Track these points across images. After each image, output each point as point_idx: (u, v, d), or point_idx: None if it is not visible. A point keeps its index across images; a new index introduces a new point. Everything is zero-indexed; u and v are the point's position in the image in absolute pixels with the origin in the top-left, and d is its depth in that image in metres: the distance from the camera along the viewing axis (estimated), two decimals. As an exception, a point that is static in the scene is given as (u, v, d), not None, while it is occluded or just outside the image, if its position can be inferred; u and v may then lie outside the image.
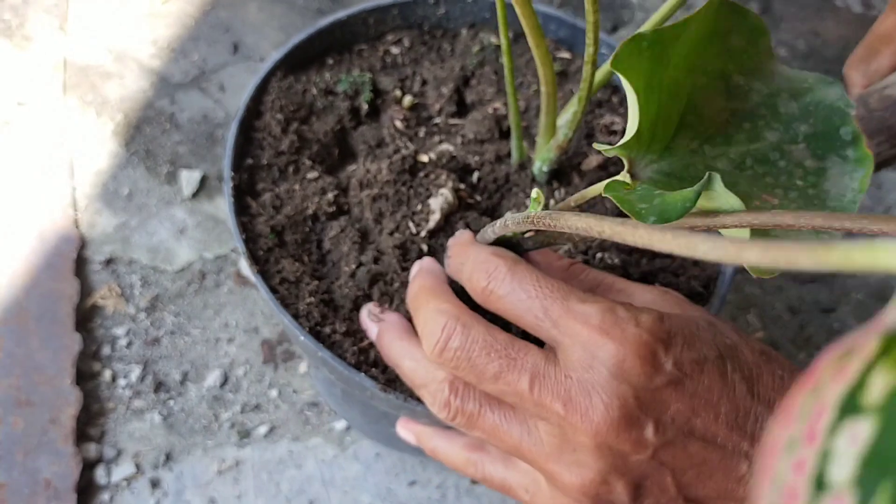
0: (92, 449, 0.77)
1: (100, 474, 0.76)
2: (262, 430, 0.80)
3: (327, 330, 0.56)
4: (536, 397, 0.43)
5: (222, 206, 0.93)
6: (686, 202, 0.37)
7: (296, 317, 0.55)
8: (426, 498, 0.77)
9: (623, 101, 0.69)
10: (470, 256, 0.48)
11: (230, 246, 0.90)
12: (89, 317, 0.84)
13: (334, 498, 0.77)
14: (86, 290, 0.86)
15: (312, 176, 0.62)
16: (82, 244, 0.88)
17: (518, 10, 0.48)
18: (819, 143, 0.44)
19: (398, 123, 0.63)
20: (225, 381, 0.82)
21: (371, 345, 0.55)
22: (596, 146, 0.41)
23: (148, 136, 0.97)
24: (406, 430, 0.57)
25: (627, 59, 0.40)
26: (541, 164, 0.60)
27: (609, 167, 0.65)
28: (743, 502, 0.43)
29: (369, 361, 0.55)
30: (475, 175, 0.62)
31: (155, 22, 1.07)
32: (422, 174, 0.60)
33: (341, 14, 0.70)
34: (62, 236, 0.88)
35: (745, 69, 0.47)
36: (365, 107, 0.65)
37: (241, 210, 0.60)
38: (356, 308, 0.57)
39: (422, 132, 0.65)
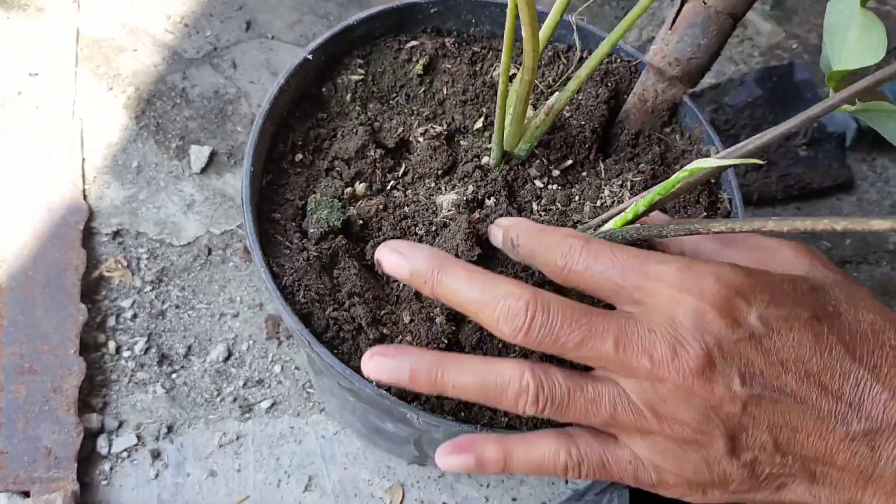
0: (94, 419, 0.78)
1: (101, 444, 0.77)
2: (265, 404, 0.80)
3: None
4: (622, 356, 0.43)
5: (231, 181, 0.94)
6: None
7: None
8: (425, 476, 0.78)
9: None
10: (542, 241, 0.48)
11: (237, 221, 0.91)
12: (95, 288, 0.85)
13: (334, 474, 0.77)
14: (92, 261, 0.86)
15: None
16: (90, 216, 0.89)
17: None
18: None
19: (383, 214, 0.60)
20: (228, 355, 0.83)
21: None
22: None
23: (159, 111, 0.98)
24: (456, 453, 0.50)
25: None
26: (528, 145, 0.60)
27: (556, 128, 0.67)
28: (843, 470, 0.42)
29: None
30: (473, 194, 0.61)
31: (168, -3, 1.07)
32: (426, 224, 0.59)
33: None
34: (70, 207, 0.88)
35: None
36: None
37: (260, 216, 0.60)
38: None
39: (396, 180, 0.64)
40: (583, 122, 0.64)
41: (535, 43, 0.50)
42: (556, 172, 0.62)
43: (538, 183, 0.61)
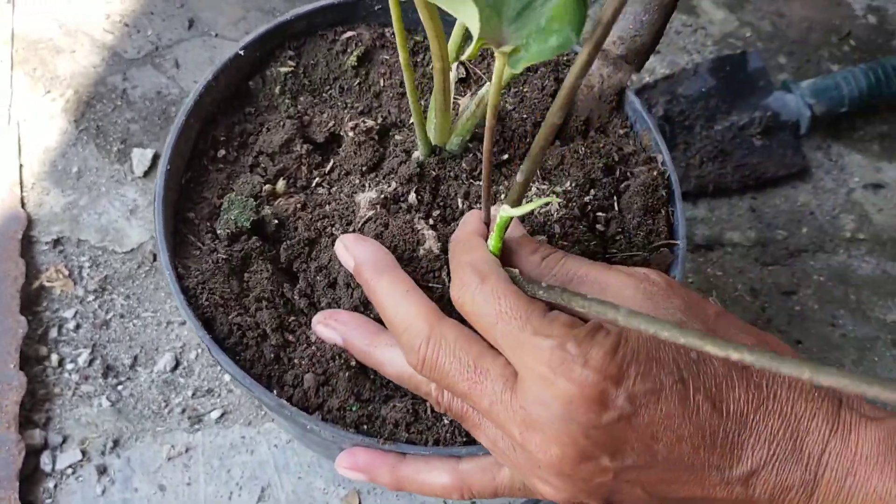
0: (36, 435, 0.75)
1: (44, 461, 0.74)
2: (215, 414, 0.78)
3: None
4: (496, 419, 0.45)
5: (175, 185, 0.91)
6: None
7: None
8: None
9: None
10: (455, 256, 0.49)
11: (183, 226, 0.88)
12: (36, 299, 0.82)
13: (287, 484, 0.75)
14: (32, 271, 0.83)
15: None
16: (29, 224, 0.85)
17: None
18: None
19: (302, 213, 0.58)
20: (176, 365, 0.80)
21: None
22: None
23: (99, 113, 0.94)
24: (352, 469, 0.54)
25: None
26: (461, 139, 0.58)
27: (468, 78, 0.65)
28: (722, 501, 0.44)
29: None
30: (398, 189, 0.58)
31: (107, -5, 1.04)
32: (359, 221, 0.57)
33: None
34: (8, 216, 0.85)
35: None
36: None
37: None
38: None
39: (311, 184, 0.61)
40: (525, 116, 0.62)
41: (438, 27, 0.48)
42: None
43: (467, 178, 0.59)
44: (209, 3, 1.05)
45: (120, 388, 0.79)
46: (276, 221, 0.57)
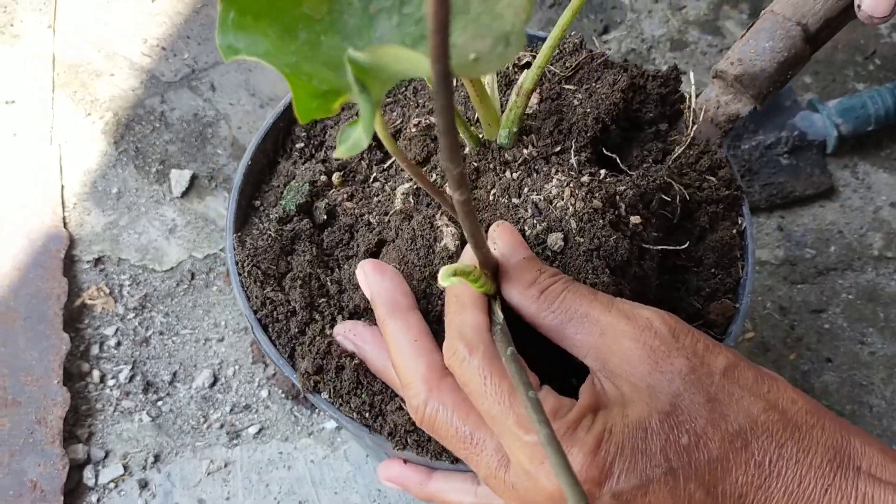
0: (80, 450, 0.76)
1: (87, 476, 0.76)
2: (252, 430, 0.79)
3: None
4: (492, 487, 0.45)
5: (212, 204, 0.93)
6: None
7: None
8: (415, 499, 0.77)
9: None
10: (447, 309, 0.47)
11: (220, 245, 0.90)
12: (78, 317, 0.84)
13: (324, 499, 0.76)
14: (74, 289, 0.85)
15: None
16: (71, 243, 0.88)
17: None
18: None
19: (347, 204, 0.61)
20: (214, 381, 0.82)
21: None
22: None
23: (138, 135, 0.97)
24: (387, 480, 0.56)
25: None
26: (507, 131, 0.58)
27: (543, 82, 0.64)
28: None
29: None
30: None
31: (145, 20, 1.06)
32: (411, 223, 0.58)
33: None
34: (51, 235, 0.87)
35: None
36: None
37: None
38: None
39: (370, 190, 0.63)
40: (588, 110, 0.59)
41: None
42: (528, 158, 0.58)
43: (503, 170, 0.58)
44: (243, 26, 1.08)
45: (160, 403, 0.80)
46: (326, 209, 0.60)
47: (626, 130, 0.62)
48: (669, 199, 0.56)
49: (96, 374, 0.81)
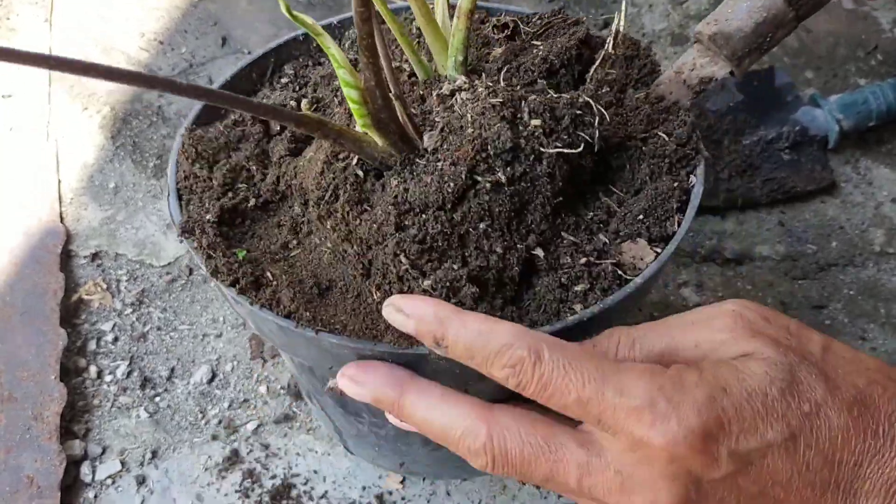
0: (76, 446, 0.76)
1: (84, 472, 0.75)
2: (251, 426, 0.79)
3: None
4: (587, 491, 0.43)
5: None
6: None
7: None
8: (416, 494, 0.76)
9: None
10: (479, 341, 0.43)
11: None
12: (75, 312, 0.83)
13: (323, 495, 0.76)
14: (71, 285, 0.85)
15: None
16: (68, 238, 0.87)
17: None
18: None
19: None
20: (213, 377, 0.81)
21: None
22: None
23: (135, 130, 0.96)
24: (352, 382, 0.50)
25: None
26: (454, 59, 0.58)
27: (514, 37, 0.66)
28: None
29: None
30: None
31: (143, 14, 1.06)
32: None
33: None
34: (47, 230, 0.87)
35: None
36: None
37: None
38: None
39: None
40: (539, 53, 0.61)
41: None
42: (464, 85, 0.58)
43: (443, 90, 0.58)
44: (242, 21, 1.07)
45: (157, 399, 0.80)
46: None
47: (580, 76, 0.63)
48: (581, 114, 0.55)
49: (93, 369, 0.80)
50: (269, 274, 0.54)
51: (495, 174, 0.50)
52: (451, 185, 0.49)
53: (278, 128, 0.64)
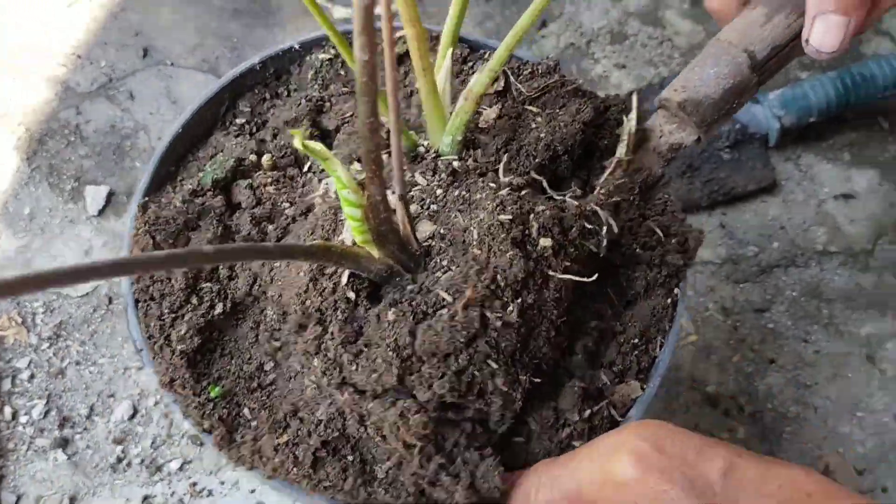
0: (-10, 493, 0.73)
1: (-1, 521, 0.72)
2: (174, 465, 0.76)
3: None
4: None
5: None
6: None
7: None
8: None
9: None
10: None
11: (139, 267, 0.86)
12: (-12, 349, 0.80)
13: (251, 533, 0.73)
14: (-16, 320, 0.81)
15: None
16: (-20, 270, 0.83)
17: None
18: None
19: (270, 189, 0.58)
20: (134, 413, 0.78)
21: None
22: None
23: (52, 151, 0.92)
24: None
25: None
26: (451, 138, 0.54)
27: (506, 92, 0.61)
28: None
29: None
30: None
31: (60, 26, 1.01)
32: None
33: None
34: (-42, 263, 0.83)
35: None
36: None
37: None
38: None
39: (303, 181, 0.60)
40: (542, 135, 0.56)
41: (420, 29, 0.48)
42: (461, 169, 0.54)
43: (434, 178, 0.54)
44: (165, 31, 1.03)
45: (76, 439, 0.77)
46: (246, 189, 0.56)
47: (580, 158, 0.58)
48: (591, 228, 0.51)
49: (8, 410, 0.77)
50: (246, 411, 0.49)
51: (507, 309, 0.46)
52: (465, 333, 0.44)
53: (241, 199, 0.57)
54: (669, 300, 0.54)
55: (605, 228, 0.51)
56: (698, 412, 0.86)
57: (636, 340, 0.53)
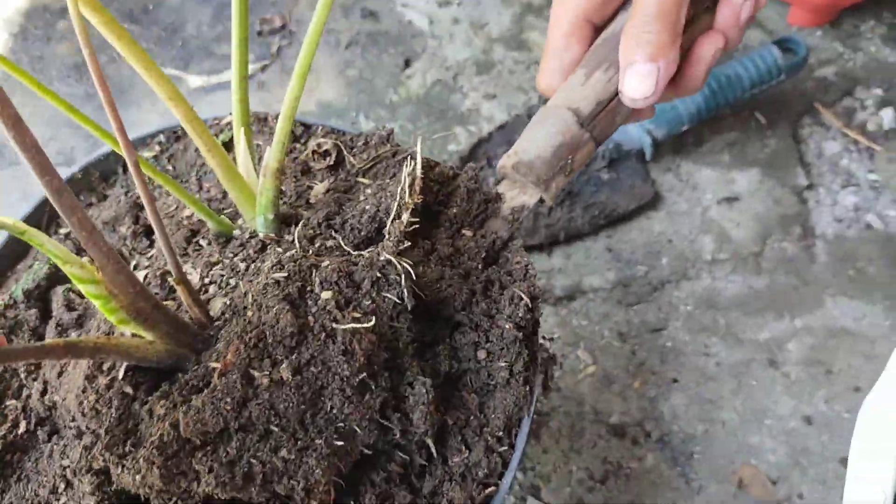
0: None
1: None
2: None
3: None
4: None
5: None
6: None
7: None
8: None
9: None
10: None
11: None
12: None
13: None
14: None
15: None
16: None
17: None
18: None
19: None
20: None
21: None
22: None
23: None
24: None
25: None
26: (263, 217, 0.53)
27: (338, 166, 0.60)
28: None
29: None
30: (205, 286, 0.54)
31: None
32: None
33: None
34: None
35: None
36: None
37: None
38: None
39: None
40: (368, 207, 0.54)
41: (186, 108, 0.48)
42: (260, 245, 0.53)
43: (230, 257, 0.53)
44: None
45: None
46: (63, 297, 0.54)
47: (427, 220, 0.55)
48: (383, 275, 0.47)
49: None
50: None
51: (276, 367, 0.42)
52: (229, 400, 0.41)
53: (54, 307, 0.54)
54: (528, 387, 0.50)
55: (403, 277, 0.48)
56: (605, 445, 0.84)
57: (501, 434, 0.49)
